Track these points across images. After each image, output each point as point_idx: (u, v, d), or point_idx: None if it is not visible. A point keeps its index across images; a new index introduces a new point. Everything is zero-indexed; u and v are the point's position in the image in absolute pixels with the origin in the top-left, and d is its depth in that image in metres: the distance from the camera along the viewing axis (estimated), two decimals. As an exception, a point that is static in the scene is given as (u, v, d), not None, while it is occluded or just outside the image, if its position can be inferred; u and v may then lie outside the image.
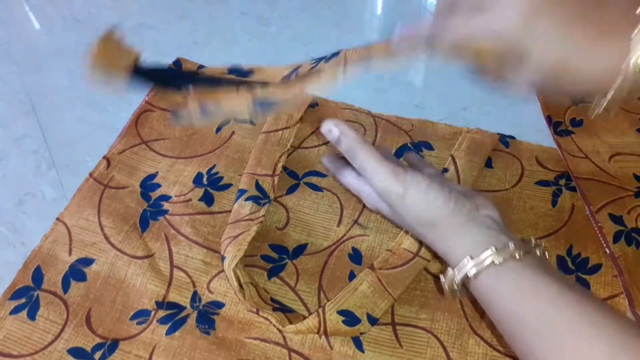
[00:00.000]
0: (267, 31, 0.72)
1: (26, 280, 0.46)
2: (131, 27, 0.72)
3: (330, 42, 0.70)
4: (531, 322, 0.33)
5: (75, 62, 0.67)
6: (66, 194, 0.54)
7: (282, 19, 0.74)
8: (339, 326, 0.42)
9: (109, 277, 0.46)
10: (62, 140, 0.59)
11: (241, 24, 0.73)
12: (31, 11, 0.75)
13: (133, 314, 0.44)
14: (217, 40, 0.71)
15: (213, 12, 0.75)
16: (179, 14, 0.74)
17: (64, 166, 0.56)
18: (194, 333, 0.43)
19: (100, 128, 0.60)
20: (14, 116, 0.61)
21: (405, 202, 0.38)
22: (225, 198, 0.52)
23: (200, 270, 0.47)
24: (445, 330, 0.44)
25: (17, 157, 0.57)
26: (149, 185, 0.52)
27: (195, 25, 0.73)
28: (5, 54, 0.68)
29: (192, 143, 0.56)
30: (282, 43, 0.70)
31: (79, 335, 0.43)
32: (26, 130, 0.60)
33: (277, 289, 0.46)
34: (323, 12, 0.75)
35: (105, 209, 0.50)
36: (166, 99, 0.59)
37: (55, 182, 0.55)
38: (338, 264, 0.48)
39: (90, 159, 0.56)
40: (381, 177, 0.38)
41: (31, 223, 0.52)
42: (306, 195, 0.52)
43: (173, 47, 0.69)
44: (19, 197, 0.54)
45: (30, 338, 0.43)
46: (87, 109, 0.62)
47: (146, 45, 0.69)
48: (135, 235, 0.49)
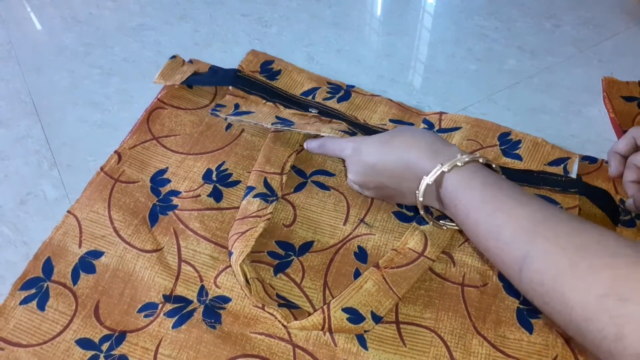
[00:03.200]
0: (267, 32, 0.72)
1: (37, 271, 0.47)
2: (132, 28, 0.72)
3: (330, 42, 0.71)
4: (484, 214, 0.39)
5: (77, 62, 0.68)
6: (68, 194, 0.54)
7: (282, 20, 0.74)
8: (343, 323, 0.42)
9: (117, 269, 0.47)
10: (63, 140, 0.59)
11: (242, 25, 0.73)
12: (32, 12, 0.76)
13: (140, 307, 0.45)
14: (218, 41, 0.71)
15: (214, 13, 0.75)
16: (179, 14, 0.75)
17: (65, 166, 0.57)
18: (200, 327, 0.44)
19: (102, 128, 0.60)
20: (16, 116, 0.61)
21: (362, 155, 0.47)
22: (233, 194, 0.52)
23: (208, 265, 0.47)
24: (449, 330, 0.44)
25: (18, 157, 0.57)
26: (159, 181, 0.53)
27: (196, 26, 0.73)
28: (6, 54, 0.69)
29: (203, 140, 0.57)
30: (283, 44, 0.70)
31: (87, 326, 0.44)
32: (28, 130, 0.60)
33: (282, 285, 0.47)
34: (323, 12, 0.75)
35: (116, 202, 0.51)
36: (178, 97, 0.60)
37: (56, 182, 0.55)
38: (344, 262, 0.48)
39: (92, 158, 0.57)
40: (342, 144, 0.50)
41: (33, 223, 0.52)
42: (313, 194, 0.53)
43: (174, 48, 0.69)
44: (21, 197, 0.54)
45: (40, 328, 0.44)
46: (88, 109, 0.62)
47: (147, 46, 0.70)
48: (144, 229, 0.49)
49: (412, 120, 0.58)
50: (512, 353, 0.42)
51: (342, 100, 0.59)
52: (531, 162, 0.53)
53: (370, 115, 0.59)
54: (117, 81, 0.66)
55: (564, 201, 0.49)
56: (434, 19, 0.75)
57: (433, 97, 0.63)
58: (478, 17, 0.73)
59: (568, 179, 0.51)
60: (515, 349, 0.43)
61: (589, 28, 0.71)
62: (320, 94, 0.60)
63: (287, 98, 0.59)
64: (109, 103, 0.63)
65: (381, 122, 0.58)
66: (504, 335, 0.44)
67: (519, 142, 0.55)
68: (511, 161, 0.53)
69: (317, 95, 0.60)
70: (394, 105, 0.60)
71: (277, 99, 0.59)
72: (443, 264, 0.48)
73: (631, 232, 0.48)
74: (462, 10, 0.75)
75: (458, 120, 0.57)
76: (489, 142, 0.55)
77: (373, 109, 0.59)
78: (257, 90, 0.59)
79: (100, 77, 0.66)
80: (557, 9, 0.74)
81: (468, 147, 0.54)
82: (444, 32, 0.72)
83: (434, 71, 0.67)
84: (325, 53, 0.69)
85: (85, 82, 0.65)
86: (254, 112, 0.57)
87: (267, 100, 0.58)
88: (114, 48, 0.70)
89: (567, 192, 0.50)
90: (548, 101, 0.62)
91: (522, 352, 0.43)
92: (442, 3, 0.77)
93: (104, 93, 0.64)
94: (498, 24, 0.72)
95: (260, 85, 0.60)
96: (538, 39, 0.70)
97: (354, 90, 0.61)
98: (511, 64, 0.67)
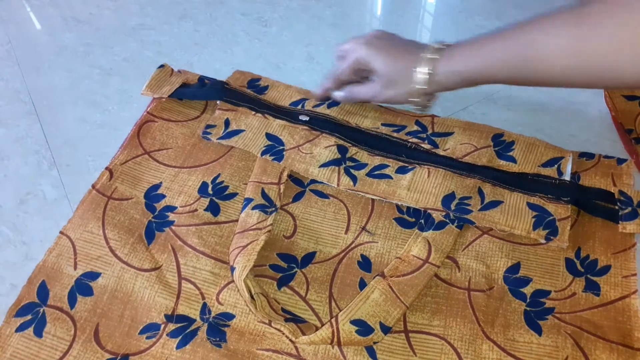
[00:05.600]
0: (267, 32, 0.72)
1: (31, 296, 0.45)
2: (132, 28, 0.72)
3: (330, 42, 0.70)
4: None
5: (77, 62, 0.67)
6: (67, 194, 0.54)
7: (282, 20, 0.74)
8: (352, 336, 0.41)
9: (116, 290, 0.46)
10: (63, 140, 0.59)
11: (241, 25, 0.73)
12: (32, 11, 0.75)
13: (142, 328, 0.44)
14: (218, 41, 0.71)
15: (213, 12, 0.74)
16: (179, 14, 0.74)
17: (65, 166, 0.56)
18: (205, 346, 0.43)
19: (101, 128, 0.60)
20: (15, 116, 0.61)
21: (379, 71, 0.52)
22: (231, 207, 0.51)
23: (209, 282, 0.46)
24: (458, 337, 0.43)
25: (18, 157, 0.57)
26: (153, 196, 0.52)
27: (196, 26, 0.73)
28: (6, 54, 0.68)
29: (196, 152, 0.55)
30: (283, 44, 0.70)
31: (87, 351, 0.42)
32: (27, 130, 0.60)
33: (287, 299, 0.46)
34: (323, 12, 0.75)
35: (110, 221, 0.50)
36: (168, 110, 0.59)
37: (56, 182, 0.55)
38: (347, 272, 0.47)
39: (91, 158, 0.57)
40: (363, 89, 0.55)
41: (32, 223, 0.52)
42: (312, 203, 0.52)
43: (174, 48, 0.69)
44: (20, 197, 0.54)
45: (38, 356, 0.42)
46: (88, 109, 0.62)
47: (147, 46, 0.70)
48: (141, 248, 0.48)
49: (404, 122, 0.58)
50: (522, 356, 0.42)
51: (332, 105, 0.58)
52: (525, 164, 0.53)
53: (362, 120, 0.58)
54: (117, 81, 0.65)
55: (557, 212, 0.49)
56: (434, 18, 0.75)
57: (433, 96, 0.63)
58: (478, 17, 0.73)
59: (562, 182, 0.51)
60: (525, 352, 0.42)
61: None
62: (309, 103, 0.59)
63: (276, 108, 0.58)
64: (109, 103, 0.63)
65: (373, 126, 0.57)
66: (513, 338, 0.43)
67: (512, 144, 0.54)
68: (506, 164, 0.53)
69: (306, 104, 0.59)
70: (384, 110, 0.59)
71: (265, 109, 0.58)
72: (448, 270, 0.47)
73: (635, 225, 0.48)
74: (462, 10, 0.75)
75: (450, 125, 0.57)
76: (483, 144, 0.54)
77: (364, 114, 0.59)
78: (245, 102, 0.58)
79: (100, 77, 0.66)
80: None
81: (462, 150, 0.54)
82: (444, 31, 0.72)
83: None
84: (325, 53, 0.69)
85: (85, 82, 0.65)
86: (245, 130, 0.56)
87: (255, 111, 0.57)
88: (114, 48, 0.70)
89: (560, 201, 0.50)
90: (548, 101, 0.62)
91: (533, 355, 0.42)
92: (442, 3, 0.77)
93: (103, 93, 0.64)
94: (498, 24, 0.72)
95: (248, 97, 0.59)
96: (538, 39, 0.70)
97: None
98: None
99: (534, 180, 0.51)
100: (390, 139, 0.55)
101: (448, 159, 0.53)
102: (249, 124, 0.56)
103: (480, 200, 0.50)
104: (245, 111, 0.58)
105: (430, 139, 0.55)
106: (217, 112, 0.58)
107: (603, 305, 0.45)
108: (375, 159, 0.54)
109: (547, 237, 0.47)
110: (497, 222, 0.48)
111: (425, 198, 0.50)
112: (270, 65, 0.67)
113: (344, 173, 0.52)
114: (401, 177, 0.52)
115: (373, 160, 0.53)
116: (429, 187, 0.51)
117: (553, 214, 0.49)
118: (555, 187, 0.51)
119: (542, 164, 0.53)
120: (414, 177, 0.51)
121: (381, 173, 0.52)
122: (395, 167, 0.53)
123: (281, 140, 0.55)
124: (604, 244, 0.48)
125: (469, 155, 0.53)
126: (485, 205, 0.49)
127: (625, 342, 0.42)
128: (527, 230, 0.48)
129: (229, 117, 0.57)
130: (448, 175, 0.51)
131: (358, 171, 0.52)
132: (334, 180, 0.52)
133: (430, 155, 0.53)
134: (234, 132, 0.56)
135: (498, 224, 0.48)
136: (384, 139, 0.55)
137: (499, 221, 0.48)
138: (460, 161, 0.53)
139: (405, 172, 0.52)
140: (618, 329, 0.43)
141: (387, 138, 0.55)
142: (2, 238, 0.51)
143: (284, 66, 0.67)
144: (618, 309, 0.44)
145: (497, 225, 0.48)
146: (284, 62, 0.68)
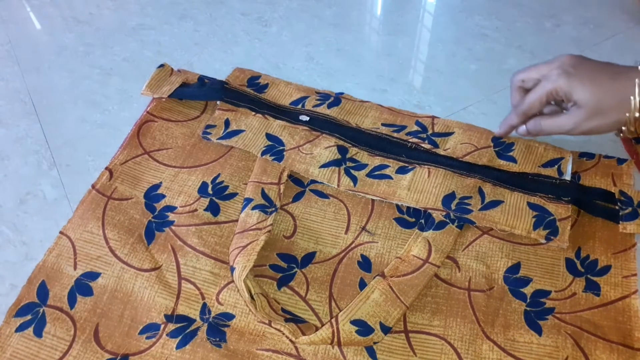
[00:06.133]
0: (267, 32, 0.72)
1: (31, 296, 0.45)
2: (132, 28, 0.72)
3: (330, 42, 0.70)
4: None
5: (77, 62, 0.68)
6: (67, 194, 0.54)
7: (282, 20, 0.74)
8: (352, 336, 0.41)
9: (115, 290, 0.46)
10: (63, 140, 0.59)
11: (241, 25, 0.73)
12: (32, 11, 0.75)
13: (142, 328, 0.44)
14: (218, 41, 0.71)
15: (213, 12, 0.75)
16: (179, 14, 0.74)
17: (64, 166, 0.56)
18: (205, 346, 0.43)
19: (101, 128, 0.60)
20: (15, 116, 0.61)
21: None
22: (231, 207, 0.51)
23: (209, 282, 0.46)
24: (458, 337, 0.43)
25: (18, 157, 0.57)
26: (153, 196, 0.52)
27: (196, 26, 0.73)
28: (6, 54, 0.68)
29: (195, 152, 0.55)
30: (282, 43, 0.70)
31: (87, 351, 0.42)
32: (27, 130, 0.60)
33: (287, 299, 0.46)
34: (323, 12, 0.75)
35: (110, 221, 0.49)
36: (168, 109, 0.59)
37: (56, 182, 0.55)
38: (347, 272, 0.47)
39: (91, 158, 0.56)
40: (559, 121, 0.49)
41: (32, 222, 0.52)
42: (312, 203, 0.52)
43: (174, 48, 0.69)
44: (20, 197, 0.54)
45: (38, 356, 0.42)
46: (87, 109, 0.62)
47: (147, 46, 0.70)
48: (141, 248, 0.48)
49: (404, 122, 0.58)
50: (522, 356, 0.42)
51: (333, 105, 0.58)
52: (525, 164, 0.53)
53: (362, 120, 0.58)
54: (117, 81, 0.65)
55: (557, 212, 0.49)
56: (434, 18, 0.75)
57: (433, 96, 0.63)
58: (478, 17, 0.73)
59: (562, 182, 0.51)
60: (525, 352, 0.42)
61: (589, 28, 0.71)
62: (309, 102, 0.59)
63: (276, 108, 0.58)
64: (109, 103, 0.63)
65: (374, 126, 0.57)
66: (513, 338, 0.43)
67: (513, 144, 0.54)
68: (506, 163, 0.53)
69: (306, 103, 0.59)
70: (384, 110, 0.59)
71: (265, 109, 0.58)
72: (448, 270, 0.47)
73: (635, 225, 0.47)
74: (463, 10, 0.75)
75: (450, 126, 0.57)
76: (483, 144, 0.54)
77: (364, 114, 0.59)
78: (246, 102, 0.58)
79: (100, 77, 0.66)
80: (557, 8, 0.74)
81: (463, 149, 0.54)
82: (444, 31, 0.72)
83: (434, 71, 0.67)
84: (325, 53, 0.69)
85: (85, 82, 0.65)
86: (245, 131, 0.56)
87: (255, 112, 0.57)
88: (114, 48, 0.70)
89: (561, 201, 0.50)
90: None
91: (533, 355, 0.42)
92: (442, 3, 0.77)
93: (103, 93, 0.64)
94: (498, 24, 0.72)
95: (248, 97, 0.59)
96: (538, 39, 0.70)
97: (344, 97, 0.60)
98: (511, 63, 0.67)
99: (535, 180, 0.51)
100: (391, 139, 0.55)
101: (448, 158, 0.53)
102: (249, 124, 0.56)
103: (480, 200, 0.50)
104: (246, 111, 0.58)
105: (431, 139, 0.55)
106: (217, 112, 0.58)
107: (603, 305, 0.45)
108: (376, 159, 0.54)
109: (548, 237, 0.47)
110: (498, 222, 0.48)
111: (426, 198, 0.50)
112: (270, 65, 0.67)
113: (344, 174, 0.52)
114: (401, 177, 0.52)
115: (373, 161, 0.53)
116: (429, 187, 0.50)
117: (553, 214, 0.49)
118: (556, 186, 0.51)
119: (542, 164, 0.53)
120: (414, 177, 0.51)
121: (381, 173, 0.52)
122: (395, 168, 0.53)
123: (281, 141, 0.55)
124: (604, 244, 0.48)
125: (469, 155, 0.53)
126: (485, 205, 0.49)
127: (626, 342, 0.42)
128: (527, 230, 0.48)
129: (229, 117, 0.57)
130: (448, 175, 0.51)
131: (358, 172, 0.52)
132: (334, 180, 0.52)
133: (430, 155, 0.53)
134: (234, 132, 0.56)
135: (498, 224, 0.48)
136: (384, 139, 0.55)
137: (500, 221, 0.48)
138: (460, 161, 0.53)
139: (405, 172, 0.52)
140: (618, 329, 0.43)
141: (387, 138, 0.55)
142: (2, 238, 0.50)
143: (284, 66, 0.67)
144: (618, 309, 0.44)
145: (497, 225, 0.48)
146: (284, 62, 0.68)
